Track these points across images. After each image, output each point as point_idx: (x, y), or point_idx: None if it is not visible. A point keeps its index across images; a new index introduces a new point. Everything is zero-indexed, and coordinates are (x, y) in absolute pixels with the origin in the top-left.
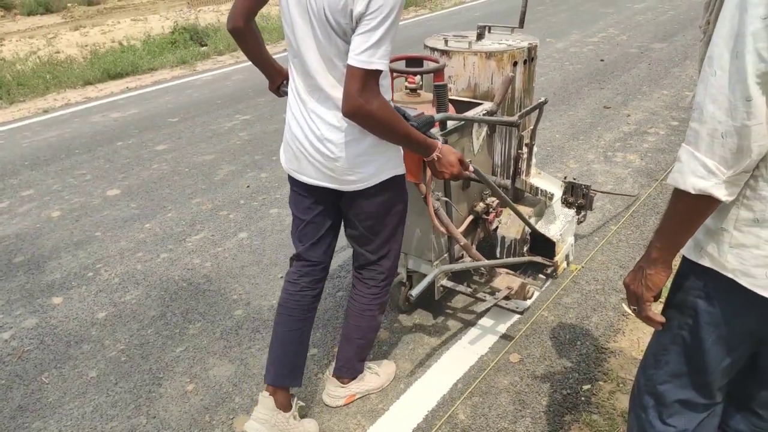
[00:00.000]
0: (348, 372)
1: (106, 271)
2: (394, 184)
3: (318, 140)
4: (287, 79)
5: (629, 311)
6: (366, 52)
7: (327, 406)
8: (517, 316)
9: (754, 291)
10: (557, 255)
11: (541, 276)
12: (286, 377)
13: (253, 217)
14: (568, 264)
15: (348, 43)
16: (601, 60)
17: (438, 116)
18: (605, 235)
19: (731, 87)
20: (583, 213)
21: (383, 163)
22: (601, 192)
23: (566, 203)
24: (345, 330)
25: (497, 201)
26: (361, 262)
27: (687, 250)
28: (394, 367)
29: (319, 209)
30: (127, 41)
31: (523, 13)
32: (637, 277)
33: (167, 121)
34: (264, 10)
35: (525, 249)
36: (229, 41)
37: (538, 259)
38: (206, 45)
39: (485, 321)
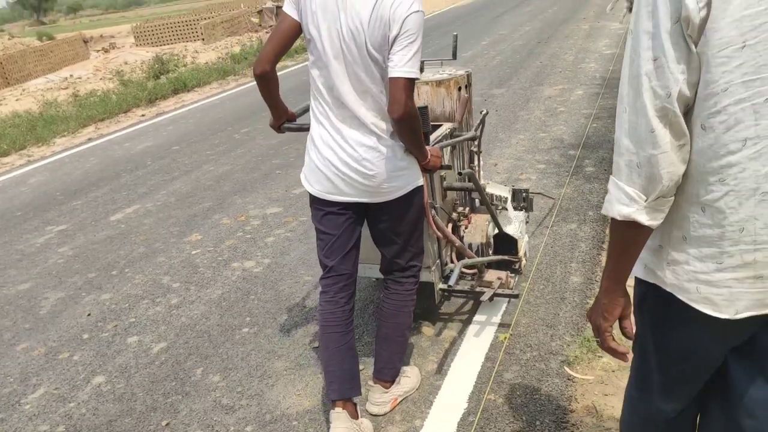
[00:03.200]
0: (389, 373)
1: None
2: (418, 194)
3: (355, 161)
4: (291, 119)
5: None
6: (407, 64)
7: (374, 416)
8: (463, 409)
9: (689, 305)
10: (520, 251)
11: (509, 274)
12: (352, 388)
13: (106, 354)
14: (525, 260)
15: (383, 69)
16: None
17: (433, 145)
18: (519, 293)
19: (638, 121)
20: (527, 214)
21: (410, 175)
22: (535, 193)
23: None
24: (383, 332)
25: (468, 209)
26: (393, 268)
27: (636, 268)
28: (417, 369)
29: (348, 224)
30: None
31: (455, 47)
32: (595, 308)
33: None
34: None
35: (490, 251)
36: (14, 138)
37: (507, 257)
38: None
39: (428, 422)
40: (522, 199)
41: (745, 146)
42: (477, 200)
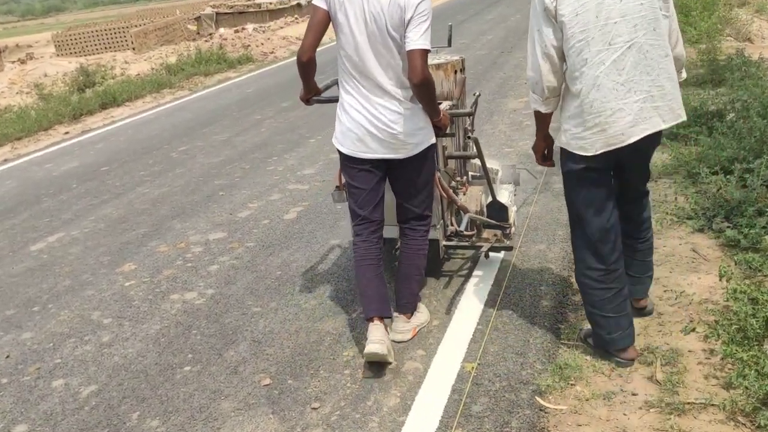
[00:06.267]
0: (410, 306)
1: None
2: (432, 150)
3: (382, 123)
4: (317, 94)
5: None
6: (421, 38)
7: (397, 343)
8: None
9: (567, 149)
10: (510, 218)
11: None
12: (385, 309)
13: (29, 400)
14: (515, 227)
15: (400, 46)
16: None
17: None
18: (487, 320)
19: (534, 60)
20: (514, 187)
21: (426, 134)
22: (521, 169)
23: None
24: (403, 272)
25: (465, 178)
26: (410, 216)
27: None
28: (424, 306)
29: (377, 178)
30: None
31: (450, 36)
32: (534, 146)
33: None
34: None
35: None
36: None
37: (500, 223)
38: None
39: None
40: (510, 174)
41: (585, 63)
42: (471, 174)
